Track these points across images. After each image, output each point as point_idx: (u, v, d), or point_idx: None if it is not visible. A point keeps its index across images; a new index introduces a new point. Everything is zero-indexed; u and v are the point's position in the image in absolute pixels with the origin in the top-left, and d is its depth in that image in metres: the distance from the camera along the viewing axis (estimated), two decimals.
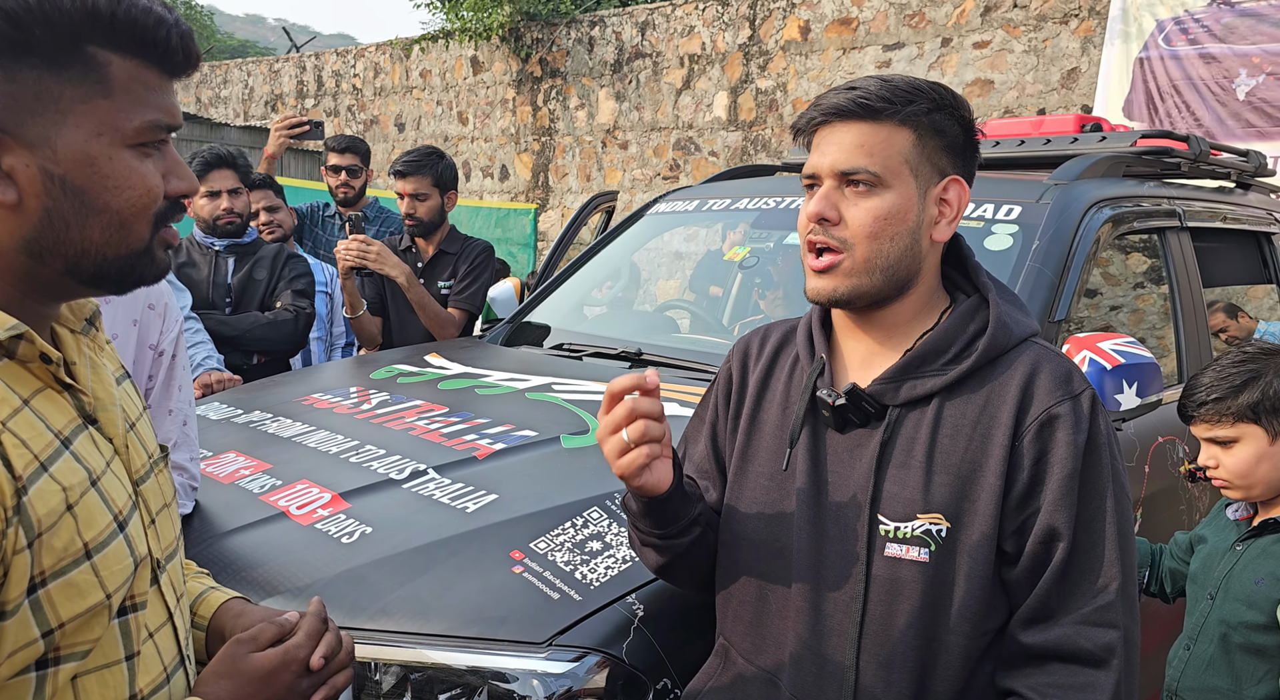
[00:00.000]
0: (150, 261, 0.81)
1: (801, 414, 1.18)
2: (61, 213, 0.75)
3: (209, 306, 3.01)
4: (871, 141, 1.09)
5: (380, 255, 2.90)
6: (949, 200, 1.14)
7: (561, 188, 9.55)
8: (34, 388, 0.76)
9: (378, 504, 1.59)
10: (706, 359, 2.25)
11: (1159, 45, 6.02)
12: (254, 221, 3.61)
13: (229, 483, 1.74)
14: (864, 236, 1.09)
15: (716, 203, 2.77)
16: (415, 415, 2.00)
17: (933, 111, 1.11)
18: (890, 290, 1.13)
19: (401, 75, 11.08)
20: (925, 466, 1.09)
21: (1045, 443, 1.07)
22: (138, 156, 0.78)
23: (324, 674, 0.91)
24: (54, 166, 0.74)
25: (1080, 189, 2.27)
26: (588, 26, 9.14)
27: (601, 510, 1.51)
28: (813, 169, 1.13)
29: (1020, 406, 1.08)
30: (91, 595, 0.74)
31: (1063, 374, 1.10)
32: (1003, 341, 1.12)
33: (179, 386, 1.64)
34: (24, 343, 0.75)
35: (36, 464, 0.72)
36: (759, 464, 1.22)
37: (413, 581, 1.37)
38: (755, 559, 1.20)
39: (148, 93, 0.78)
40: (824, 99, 1.13)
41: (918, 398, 1.12)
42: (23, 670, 0.71)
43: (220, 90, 13.64)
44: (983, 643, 1.09)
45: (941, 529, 1.08)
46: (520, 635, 1.26)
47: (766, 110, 7.92)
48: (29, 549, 0.70)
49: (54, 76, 0.73)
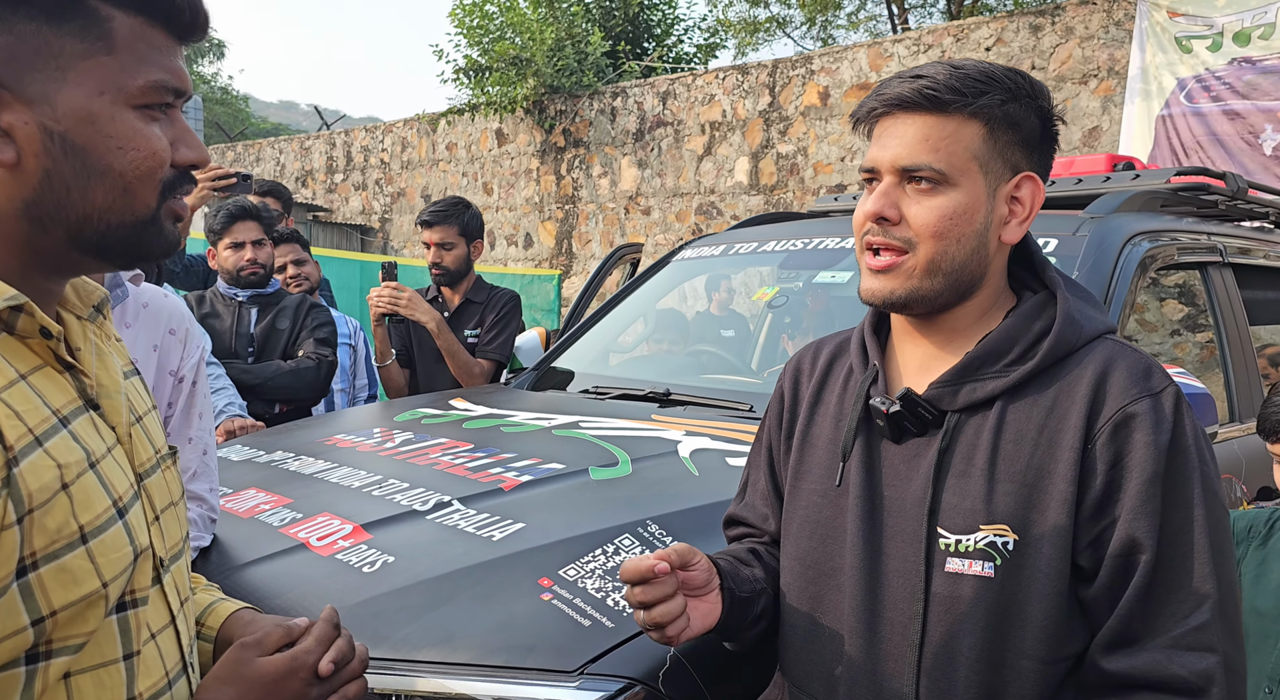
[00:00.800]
0: (158, 232, 0.77)
1: (854, 425, 1.10)
2: (62, 174, 0.71)
3: (232, 356, 3.00)
4: (937, 135, 0.99)
5: (412, 301, 2.90)
6: (1021, 199, 1.04)
7: (585, 254, 9.63)
8: (33, 364, 0.72)
9: (400, 535, 1.52)
10: (736, 397, 2.19)
11: (1180, 102, 6.04)
12: (281, 274, 3.64)
13: (248, 517, 1.69)
14: (928, 236, 1.00)
15: (743, 246, 2.75)
16: (440, 451, 1.95)
17: (1008, 102, 1.00)
18: (952, 296, 1.04)
19: (428, 149, 11.35)
20: (987, 474, 0.99)
21: (1121, 445, 0.96)
22: (143, 118, 0.74)
23: (334, 682, 0.84)
24: (54, 124, 0.70)
25: (1118, 222, 2.23)
26: (610, 97, 9.35)
27: (634, 537, 1.44)
28: (872, 163, 1.04)
29: (1092, 406, 0.98)
30: (86, 583, 0.68)
31: (1140, 370, 0.99)
32: (1071, 338, 1.02)
33: (199, 414, 1.61)
34: (23, 316, 0.71)
35: (30, 437, 0.67)
36: (811, 481, 1.14)
37: (436, 610, 1.29)
38: (806, 580, 1.12)
39: (152, 52, 0.74)
40: (887, 87, 1.03)
41: (978, 402, 1.02)
42: (10, 664, 0.66)
43: (253, 168, 14.03)
44: (1059, 670, 0.98)
45: (1008, 541, 0.97)
46: (550, 664, 1.17)
47: (788, 174, 7.99)
48: (18, 525, 0.65)
49: (54, 30, 0.70)
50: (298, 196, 13.07)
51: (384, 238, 11.97)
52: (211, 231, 3.09)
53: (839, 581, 1.08)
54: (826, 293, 2.58)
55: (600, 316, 2.91)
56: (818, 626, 1.10)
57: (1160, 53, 6.13)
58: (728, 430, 1.97)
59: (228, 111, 27.73)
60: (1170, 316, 3.48)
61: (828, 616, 1.09)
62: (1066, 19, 6.65)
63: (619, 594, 1.29)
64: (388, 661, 1.21)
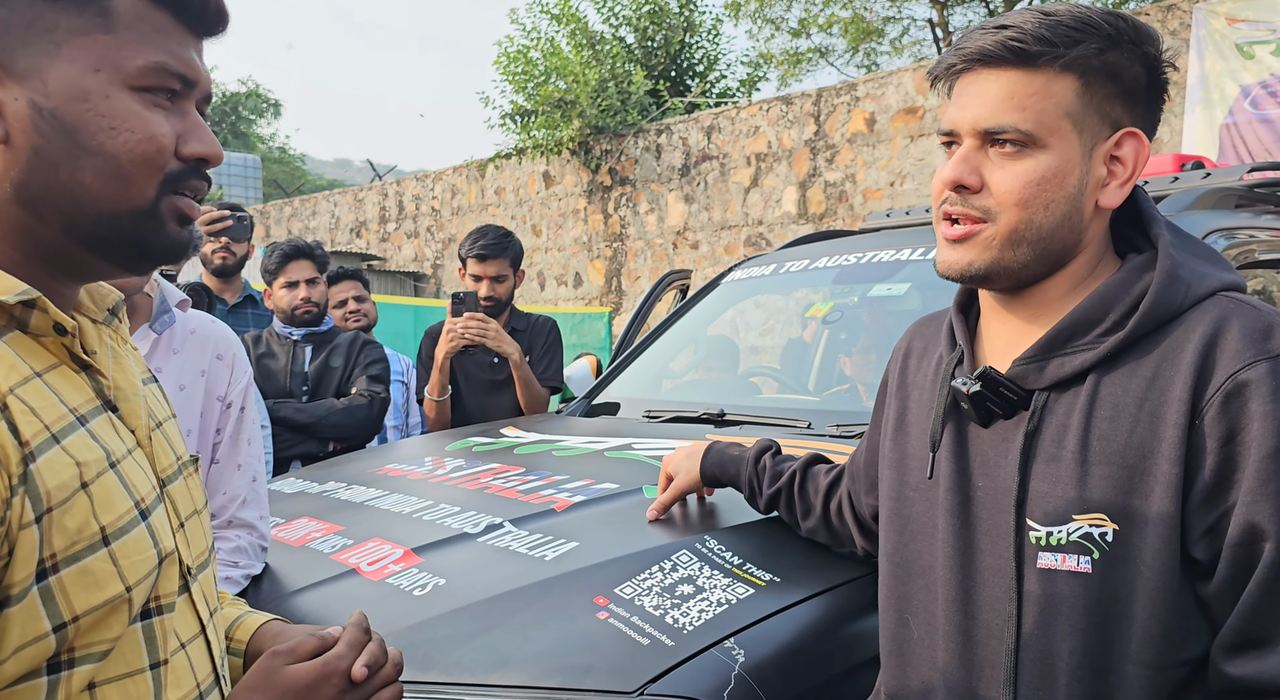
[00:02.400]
0: (157, 227, 0.72)
1: (942, 412, 1.01)
2: (50, 151, 0.67)
3: (286, 395, 3.02)
4: (1024, 92, 0.89)
5: (498, 333, 2.88)
6: (1122, 158, 0.93)
7: (634, 291, 9.64)
8: (49, 362, 0.69)
9: (452, 558, 1.48)
10: (793, 415, 2.12)
11: (1245, 109, 5.87)
12: (342, 308, 3.68)
13: (300, 545, 1.66)
14: (1011, 204, 0.91)
15: (794, 264, 2.69)
16: (491, 476, 1.91)
17: (1107, 51, 0.89)
18: (1040, 267, 0.94)
19: (477, 194, 11.54)
20: (1079, 457, 0.89)
21: (1235, 417, 0.83)
22: (143, 102, 0.70)
23: (368, 688, 0.80)
24: (43, 100, 0.67)
25: (1191, 219, 2.12)
26: (655, 135, 9.41)
27: (691, 553, 1.37)
28: (950, 124, 0.95)
29: (1200, 375, 0.85)
30: (110, 586, 0.65)
31: (1259, 329, 0.85)
32: (1174, 299, 0.90)
33: (248, 440, 1.59)
34: (36, 312, 0.68)
35: (47, 434, 0.64)
36: (903, 472, 1.07)
37: (489, 632, 1.24)
38: (896, 579, 1.05)
39: (157, 35, 0.71)
40: (968, 39, 0.93)
41: (1067, 377, 0.92)
42: (31, 673, 0.62)
43: (309, 222, 14.41)
44: (1176, 676, 0.87)
45: (1106, 532, 0.87)
46: (608, 685, 1.11)
47: (836, 202, 7.92)
48: (37, 525, 0.62)
49: (49, 4, 0.67)
50: (352, 247, 13.37)
51: (436, 283, 12.15)
52: (267, 271, 3.14)
53: (929, 580, 1.00)
54: (884, 306, 2.50)
55: (651, 342, 2.86)
56: (907, 630, 1.03)
57: (1220, 60, 5.96)
58: (786, 447, 1.90)
59: (285, 170, 28.68)
60: None
61: (917, 619, 1.01)
62: None
63: (677, 612, 1.22)
64: (440, 685, 1.16)
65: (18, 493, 0.61)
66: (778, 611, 1.23)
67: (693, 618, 1.20)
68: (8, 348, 0.66)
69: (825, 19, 13.55)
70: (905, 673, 1.02)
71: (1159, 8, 6.39)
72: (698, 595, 1.26)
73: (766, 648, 1.17)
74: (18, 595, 0.61)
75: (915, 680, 1.00)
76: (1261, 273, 2.44)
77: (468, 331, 2.83)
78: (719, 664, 1.13)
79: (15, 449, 0.61)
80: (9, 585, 0.61)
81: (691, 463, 1.52)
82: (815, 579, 1.32)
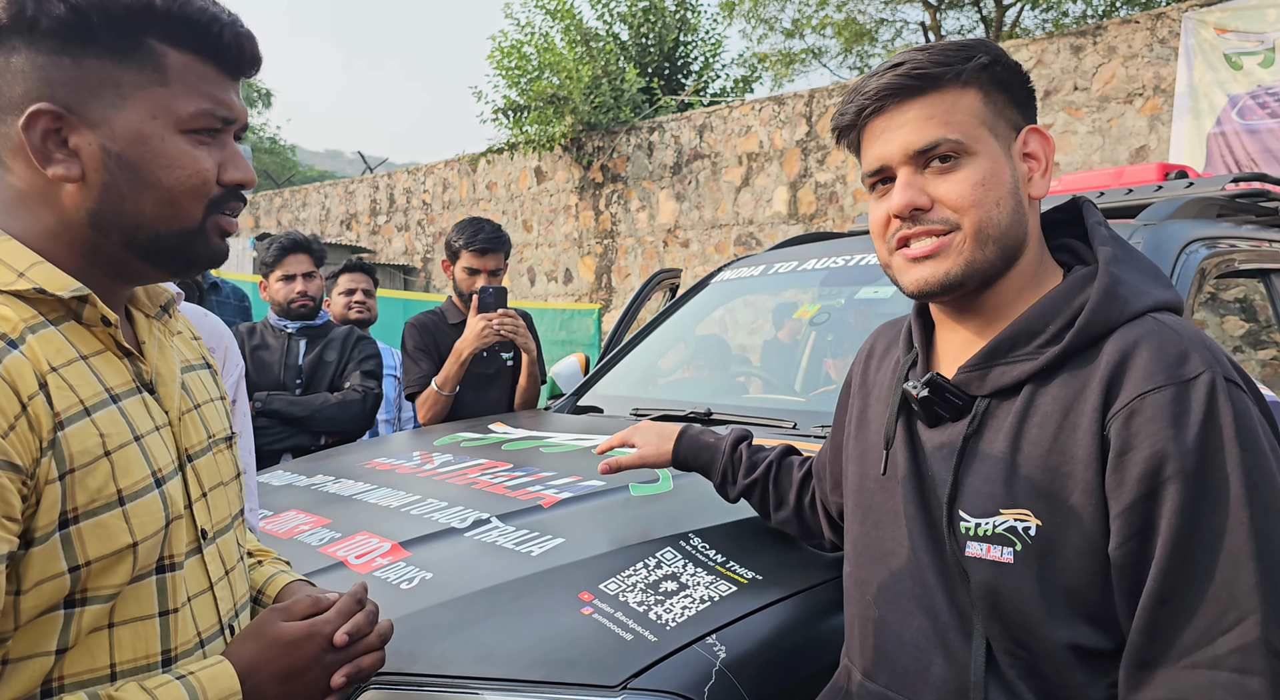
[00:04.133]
0: (204, 242, 0.87)
1: (894, 411, 1.07)
2: (117, 186, 0.82)
3: (280, 387, 3.02)
4: (940, 111, 0.96)
5: (524, 330, 2.87)
6: (1034, 153, 1.01)
7: (624, 288, 9.65)
8: (95, 348, 0.83)
9: (439, 552, 1.50)
10: (779, 415, 2.14)
11: (1233, 120, 5.92)
12: (349, 297, 3.70)
13: (288, 537, 1.67)
14: (968, 207, 0.95)
15: (783, 266, 2.71)
16: (479, 472, 1.92)
17: (990, 66, 0.98)
18: (1001, 263, 0.98)
19: (469, 189, 11.52)
20: (1008, 457, 0.94)
21: (1130, 437, 0.87)
22: (191, 142, 0.84)
23: (348, 652, 0.92)
24: (111, 144, 0.81)
25: (1172, 228, 2.15)
26: (647, 132, 9.42)
27: (676, 551, 1.40)
28: (879, 161, 0.99)
29: (1109, 390, 0.89)
30: (119, 539, 0.78)
31: (1175, 355, 0.88)
32: (1108, 316, 0.93)
33: (238, 433, 1.60)
34: (88, 306, 0.82)
35: (80, 407, 0.77)
36: (862, 466, 1.13)
37: (475, 625, 1.26)
38: (858, 565, 1.11)
39: (202, 84, 0.84)
40: (865, 85, 1.00)
41: (1007, 386, 0.97)
42: (51, 607, 0.76)
43: (299, 213, 14.35)
44: (1114, 662, 0.91)
45: (1029, 526, 0.92)
46: (591, 678, 1.13)
47: (827, 202, 7.96)
48: (60, 481, 0.75)
49: (116, 64, 0.81)
50: (342, 239, 13.33)
51: (426, 277, 12.12)
52: (264, 264, 3.14)
53: (891, 565, 1.05)
54: (870, 309, 2.53)
55: (640, 340, 2.88)
56: (872, 610, 1.07)
57: (1209, 69, 6.01)
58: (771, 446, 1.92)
59: (276, 160, 28.51)
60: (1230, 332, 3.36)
61: (881, 599, 1.06)
62: (1108, 38, 6.56)
63: (660, 608, 1.24)
64: (426, 678, 1.17)
65: (46, 454, 0.74)
66: (759, 609, 1.25)
67: (676, 614, 1.23)
68: (60, 334, 0.80)
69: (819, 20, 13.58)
70: (874, 652, 1.06)
71: (1148, 15, 6.44)
72: (681, 592, 1.28)
73: (747, 644, 1.19)
74: (40, 538, 0.74)
75: (883, 657, 1.05)
76: (1244, 282, 2.49)
77: (503, 328, 2.81)
78: (700, 660, 1.15)
79: (49, 418, 0.75)
80: (34, 529, 0.74)
81: (664, 442, 1.54)
82: (796, 577, 1.34)
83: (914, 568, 1.02)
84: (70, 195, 0.81)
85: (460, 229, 3.03)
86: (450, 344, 2.99)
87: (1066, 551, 0.90)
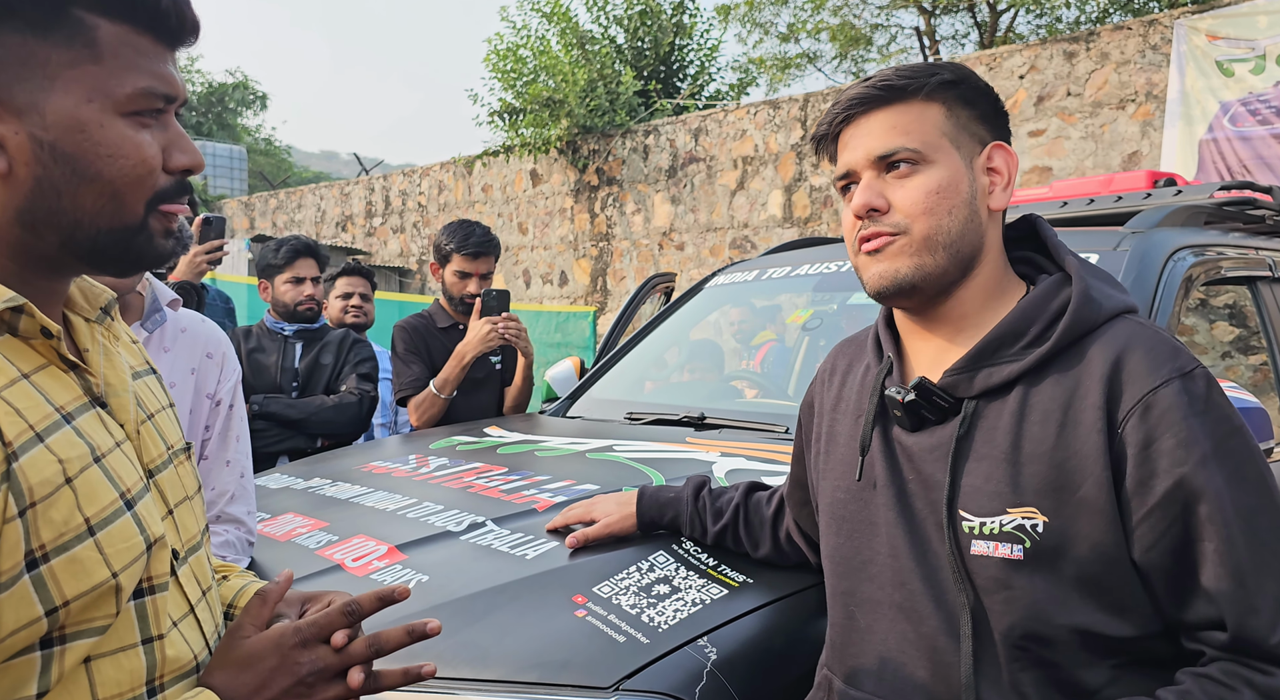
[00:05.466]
0: (148, 240, 0.77)
1: (871, 418, 1.09)
2: (52, 181, 0.72)
3: (276, 390, 3.04)
4: (903, 121, 1.03)
5: (525, 334, 2.89)
6: (997, 168, 1.06)
7: (619, 290, 9.67)
8: (36, 364, 0.73)
9: (434, 555, 1.52)
10: (772, 419, 2.16)
11: (1225, 126, 5.96)
12: (347, 300, 3.72)
13: (285, 540, 1.69)
14: (919, 213, 1.01)
15: (776, 271, 2.74)
16: (474, 475, 1.94)
17: (956, 84, 1.05)
18: (956, 271, 1.03)
19: (464, 191, 11.53)
20: (1011, 456, 0.97)
21: (1150, 429, 0.92)
22: (133, 125, 0.74)
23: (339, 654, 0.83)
24: (43, 133, 0.71)
25: (1160, 236, 2.18)
26: (642, 135, 9.45)
27: (668, 554, 1.42)
28: (846, 166, 1.07)
29: (1112, 388, 0.95)
30: (97, 573, 0.69)
31: (1166, 351, 0.96)
32: (1089, 316, 1.00)
33: (236, 437, 1.62)
34: (24, 317, 0.72)
35: (30, 433, 0.68)
36: (834, 478, 1.15)
37: (469, 627, 1.28)
38: (838, 576, 1.12)
39: (140, 58, 0.74)
40: (841, 99, 1.08)
41: (995, 387, 1.01)
42: (25, 650, 0.67)
43: (295, 214, 14.35)
44: (1122, 653, 0.95)
45: (1036, 524, 0.95)
46: (584, 680, 1.15)
47: (821, 206, 7.99)
48: (20, 518, 0.66)
49: (39, 40, 0.70)
50: (337, 241, 13.34)
51: (422, 279, 12.13)
52: (271, 266, 3.14)
53: (870, 573, 1.07)
54: (863, 315, 2.55)
55: (634, 345, 2.90)
56: (854, 622, 1.09)
57: (1201, 76, 6.06)
58: (763, 451, 1.95)
59: (271, 162, 28.46)
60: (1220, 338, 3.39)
61: (863, 609, 1.08)
62: (1101, 44, 6.61)
63: (653, 611, 1.26)
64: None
65: (0, 489, 0.65)
66: (749, 611, 1.28)
67: (668, 617, 1.25)
68: None
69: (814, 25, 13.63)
70: (858, 660, 1.08)
71: (1140, 22, 6.49)
72: (673, 595, 1.30)
73: (737, 646, 1.21)
74: (6, 582, 0.65)
75: (866, 665, 1.07)
76: (1232, 289, 2.51)
77: (507, 332, 2.81)
78: (692, 661, 1.17)
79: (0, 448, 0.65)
80: None
81: (625, 509, 1.49)
82: (785, 581, 1.36)
83: (895, 574, 1.04)
84: None
85: (451, 232, 3.02)
86: (440, 347, 3.00)
87: (1078, 544, 0.94)
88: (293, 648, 0.81)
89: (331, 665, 0.82)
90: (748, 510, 1.43)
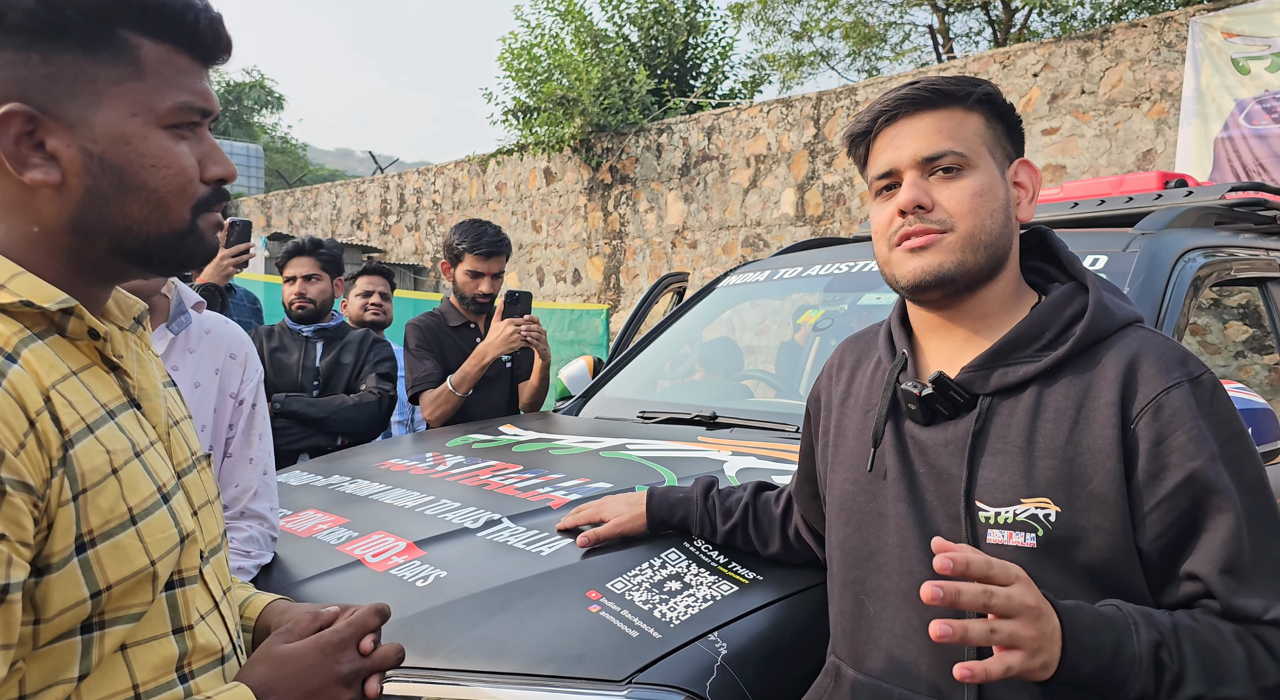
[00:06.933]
0: (198, 241, 0.83)
1: (884, 411, 1.13)
2: (101, 190, 0.77)
3: (297, 389, 3.09)
4: (948, 126, 1.08)
5: (545, 336, 2.92)
6: (1023, 183, 1.12)
7: (633, 288, 9.70)
8: (83, 363, 0.79)
9: (452, 551, 1.55)
10: (783, 419, 2.19)
11: (1241, 124, 5.93)
12: (366, 298, 3.78)
13: (307, 536, 1.74)
14: (965, 213, 1.06)
15: (788, 271, 2.76)
16: (490, 473, 1.98)
17: (994, 99, 1.11)
18: (989, 271, 1.08)
19: (479, 189, 11.58)
20: (1025, 451, 1.02)
21: (1162, 427, 0.98)
22: (172, 137, 0.80)
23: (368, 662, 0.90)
24: (92, 145, 0.76)
25: (1170, 237, 2.19)
26: (656, 134, 9.47)
27: (680, 551, 1.45)
28: (890, 164, 1.10)
29: (1125, 389, 1.00)
30: (137, 559, 0.75)
31: (1175, 356, 1.02)
32: (1104, 324, 1.05)
33: (259, 435, 1.66)
34: (74, 318, 0.78)
35: (83, 424, 0.74)
36: (844, 470, 1.19)
37: (487, 622, 1.32)
38: (847, 566, 1.16)
39: (179, 76, 0.80)
40: (882, 101, 1.11)
41: (1010, 386, 1.05)
42: (65, 633, 0.72)
43: (310, 212, 14.45)
44: None
45: (1049, 513, 1.00)
46: (599, 673, 1.18)
47: (834, 205, 7.99)
48: (74, 502, 0.71)
49: (89, 59, 0.76)
50: (353, 239, 13.42)
51: (436, 276, 12.20)
52: (277, 266, 3.23)
53: (879, 562, 1.11)
54: (873, 315, 2.57)
55: (647, 344, 2.94)
56: (863, 610, 1.13)
57: (1216, 74, 6.03)
58: (774, 450, 1.98)
59: (287, 160, 28.64)
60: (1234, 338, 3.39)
61: (871, 599, 1.12)
62: (1115, 42, 6.59)
63: (665, 607, 1.30)
64: (441, 671, 1.23)
65: (57, 474, 0.70)
66: (759, 607, 1.31)
67: (679, 612, 1.28)
68: (48, 349, 0.75)
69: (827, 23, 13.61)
70: (866, 646, 1.12)
71: (1155, 19, 6.46)
72: (685, 591, 1.33)
73: (747, 641, 1.24)
74: (58, 564, 0.70)
75: (875, 651, 1.11)
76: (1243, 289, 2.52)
77: (529, 334, 2.84)
78: (702, 655, 1.21)
79: (57, 436, 0.71)
80: (49, 555, 0.70)
81: (635, 509, 1.52)
82: (794, 578, 1.40)
83: (904, 563, 1.08)
84: (49, 201, 0.77)
85: (463, 232, 3.04)
86: (451, 345, 3.03)
87: (1089, 533, 0.98)
88: (334, 648, 0.88)
89: (365, 667, 0.90)
90: (756, 509, 1.46)
